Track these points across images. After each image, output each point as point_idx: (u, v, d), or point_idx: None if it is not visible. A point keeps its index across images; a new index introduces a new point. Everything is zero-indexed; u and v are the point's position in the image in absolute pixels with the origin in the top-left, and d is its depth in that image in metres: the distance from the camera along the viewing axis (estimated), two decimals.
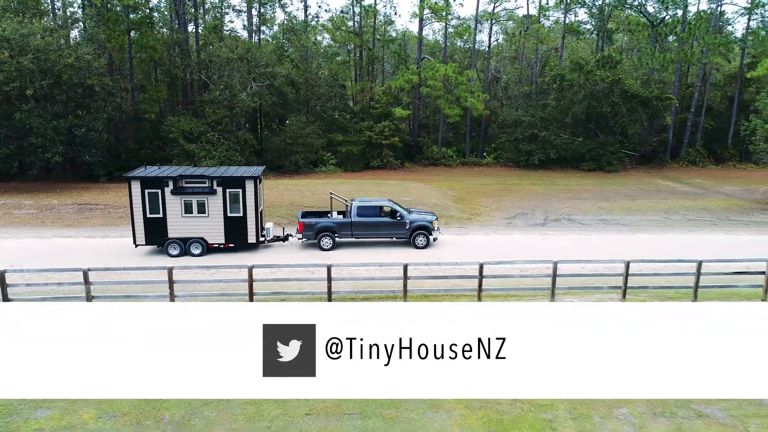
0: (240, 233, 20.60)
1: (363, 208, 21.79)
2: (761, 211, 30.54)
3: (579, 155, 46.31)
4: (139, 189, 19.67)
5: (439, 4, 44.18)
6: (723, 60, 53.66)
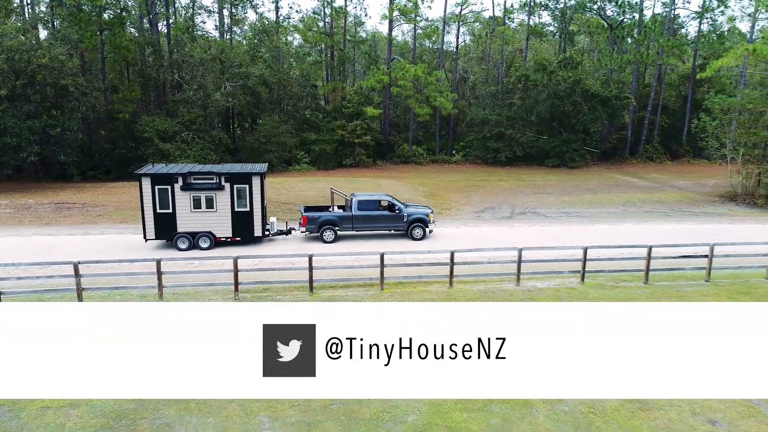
0: (247, 227, 21.29)
1: (363, 203, 22.78)
2: (710, 203, 32.54)
3: (544, 152, 48.02)
4: (149, 185, 20.24)
5: (408, 6, 45.25)
6: (678, 61, 56.20)
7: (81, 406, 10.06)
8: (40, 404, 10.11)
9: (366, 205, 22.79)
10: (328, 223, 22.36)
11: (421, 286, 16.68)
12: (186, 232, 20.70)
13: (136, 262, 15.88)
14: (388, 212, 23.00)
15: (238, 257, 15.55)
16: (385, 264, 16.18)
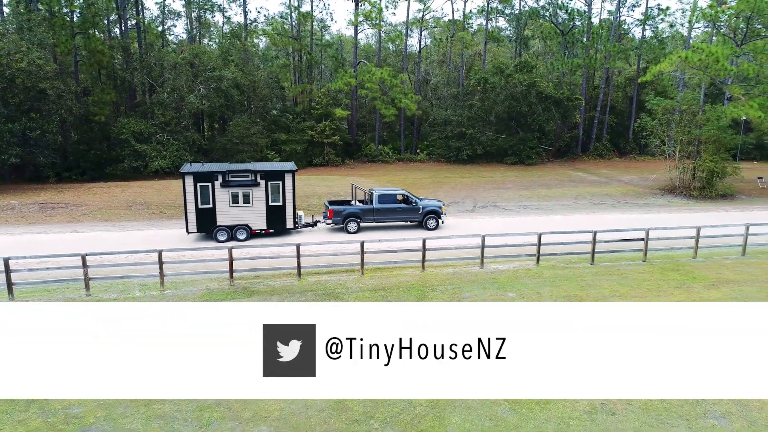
0: (280, 220, 22.97)
1: (383, 197, 24.69)
2: (652, 195, 35.51)
3: (502, 150, 50.60)
4: (192, 183, 21.67)
5: (373, 13, 47.00)
6: (624, 63, 59.83)
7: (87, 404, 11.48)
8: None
9: (385, 199, 24.71)
10: (351, 216, 24.23)
11: (397, 270, 18.53)
12: (225, 226, 22.24)
13: (139, 252, 17.17)
14: (405, 205, 24.97)
15: (233, 247, 17.07)
16: (365, 251, 17.97)
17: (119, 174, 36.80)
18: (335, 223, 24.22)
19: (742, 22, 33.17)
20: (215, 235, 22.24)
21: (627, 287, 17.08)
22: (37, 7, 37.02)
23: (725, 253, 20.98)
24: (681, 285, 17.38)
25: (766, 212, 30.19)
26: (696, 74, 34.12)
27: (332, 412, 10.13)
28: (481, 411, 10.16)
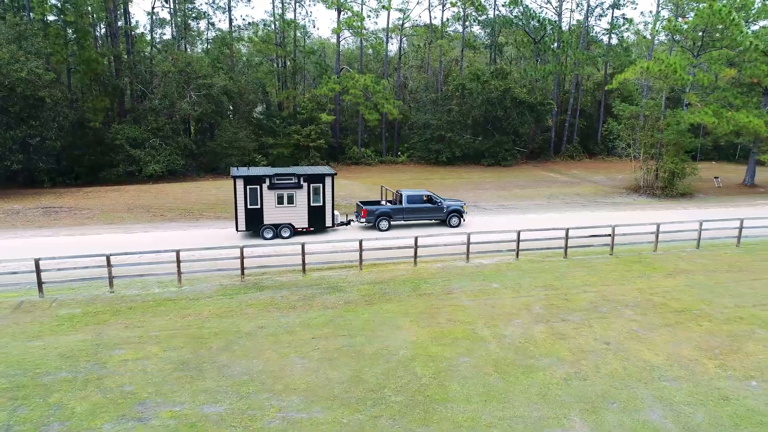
0: (320, 219, 24.92)
1: (411, 197, 26.59)
2: (618, 195, 37.99)
3: (480, 153, 52.76)
4: (242, 185, 23.47)
5: (355, 22, 48.66)
6: (594, 69, 62.62)
7: (152, 357, 13.07)
8: (119, 357, 13.04)
9: (413, 200, 26.63)
10: (383, 215, 26.20)
11: (392, 265, 20.33)
12: (271, 224, 24.09)
13: (161, 252, 18.59)
14: (431, 205, 26.88)
15: (244, 246, 18.65)
16: (363, 249, 19.73)
17: (114, 178, 37.75)
18: (368, 221, 26.14)
19: (698, 34, 35.77)
20: (262, 233, 24.09)
21: (596, 277, 19.20)
22: (30, 15, 37.77)
23: (682, 247, 23.31)
24: (643, 275, 19.57)
25: (721, 209, 32.83)
26: (657, 82, 36.64)
27: (350, 384, 11.88)
28: (476, 380, 12.03)
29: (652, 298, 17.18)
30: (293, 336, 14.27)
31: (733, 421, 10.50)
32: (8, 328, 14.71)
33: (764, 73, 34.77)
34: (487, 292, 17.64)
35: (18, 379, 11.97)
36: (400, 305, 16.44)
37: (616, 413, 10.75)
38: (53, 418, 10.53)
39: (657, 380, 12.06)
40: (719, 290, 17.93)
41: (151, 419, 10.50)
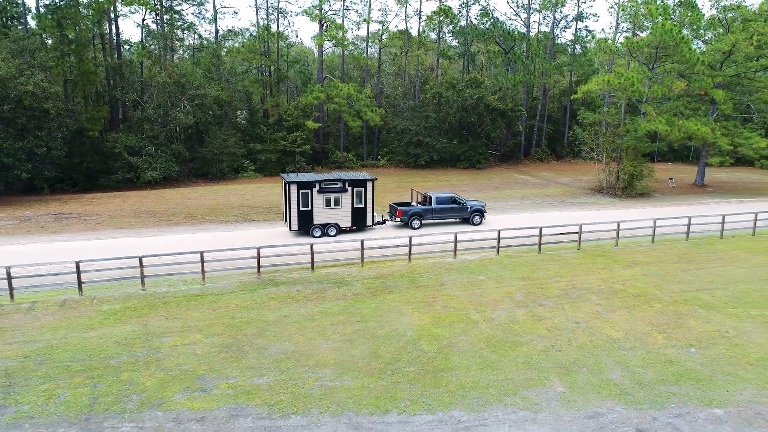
0: (362, 219, 27.70)
1: (439, 199, 29.33)
2: (584, 195, 41.15)
3: (455, 156, 55.58)
4: (296, 190, 26.08)
5: (338, 35, 50.87)
6: (560, 76, 66.16)
7: (198, 343, 15.19)
8: (170, 343, 15.12)
9: (441, 200, 29.34)
10: (415, 215, 28.85)
11: (389, 262, 22.73)
12: (319, 224, 26.75)
13: (186, 254, 20.58)
14: (456, 205, 29.57)
15: (260, 247, 20.80)
16: (364, 248, 22.08)
17: (112, 185, 39.15)
18: (402, 221, 28.77)
19: (653, 50, 39.05)
20: (311, 232, 26.68)
21: (566, 269, 21.96)
22: (26, 28, 38.86)
23: (639, 242, 26.34)
24: (606, 266, 22.42)
25: (674, 208, 36.22)
26: (617, 93, 39.90)
27: (370, 359, 14.24)
28: (472, 353, 14.53)
29: (614, 285, 20.01)
30: (314, 323, 16.55)
31: (675, 378, 13.25)
32: (62, 322, 16.60)
33: (710, 85, 38.34)
34: (475, 283, 20.21)
35: (88, 363, 13.96)
36: (402, 296, 18.86)
37: (585, 374, 13.39)
38: (129, 391, 12.61)
39: (617, 350, 14.77)
40: (669, 278, 20.90)
41: (212, 390, 12.68)
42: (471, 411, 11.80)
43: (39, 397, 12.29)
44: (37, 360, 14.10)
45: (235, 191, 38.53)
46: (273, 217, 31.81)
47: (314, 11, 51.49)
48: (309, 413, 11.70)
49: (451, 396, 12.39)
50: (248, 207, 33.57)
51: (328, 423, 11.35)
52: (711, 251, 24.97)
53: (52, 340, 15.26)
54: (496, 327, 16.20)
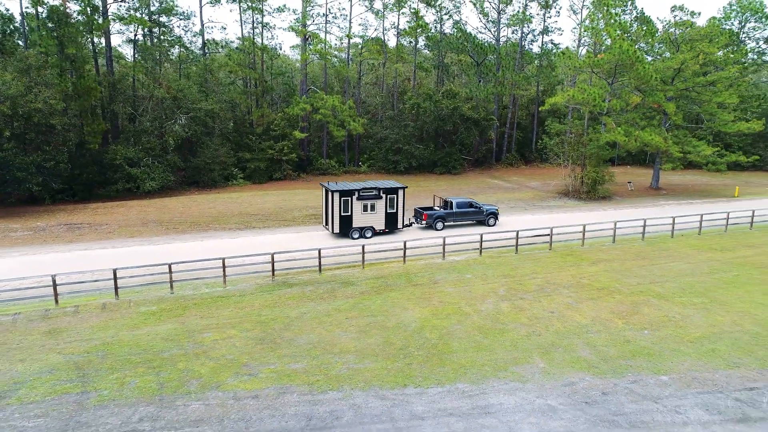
0: (394, 222, 30.81)
1: (460, 203, 32.70)
2: (552, 198, 44.54)
3: (433, 162, 58.55)
4: (338, 198, 29.03)
5: (323, 49, 53.23)
6: (528, 85, 69.85)
7: (235, 336, 17.55)
8: (210, 338, 17.45)
9: (461, 205, 32.68)
10: (439, 218, 32.07)
11: (387, 263, 25.37)
12: (357, 227, 29.70)
13: (208, 260, 22.79)
14: (474, 209, 32.79)
15: (274, 253, 23.17)
16: (366, 252, 24.68)
17: (112, 195, 40.67)
18: (428, 224, 31.81)
19: (612, 66, 42.67)
20: (351, 234, 29.63)
21: (540, 267, 24.99)
22: (26, 45, 40.10)
23: (602, 242, 29.63)
24: (574, 264, 25.53)
25: (632, 210, 39.83)
26: (581, 106, 43.41)
27: (384, 346, 16.86)
28: (468, 339, 17.30)
29: (581, 280, 23.10)
30: (331, 318, 19.08)
31: (631, 354, 16.27)
32: (109, 322, 18.72)
33: (663, 98, 42.17)
34: (463, 281, 23.02)
35: (144, 356, 16.20)
36: (402, 293, 21.53)
37: (560, 353, 16.30)
38: (188, 377, 14.94)
39: (585, 333, 17.75)
40: (627, 273, 24.12)
41: (258, 374, 15.12)
42: (473, 383, 14.55)
43: (113, 384, 14.52)
44: (99, 355, 16.27)
45: (231, 200, 40.56)
46: (272, 224, 34.03)
47: (299, 26, 53.71)
48: (342, 389, 14.26)
49: (455, 373, 15.13)
50: (247, 215, 35.69)
51: (359, 396, 13.94)
52: (663, 249, 28.40)
53: (105, 338, 17.41)
54: (485, 317, 19.03)
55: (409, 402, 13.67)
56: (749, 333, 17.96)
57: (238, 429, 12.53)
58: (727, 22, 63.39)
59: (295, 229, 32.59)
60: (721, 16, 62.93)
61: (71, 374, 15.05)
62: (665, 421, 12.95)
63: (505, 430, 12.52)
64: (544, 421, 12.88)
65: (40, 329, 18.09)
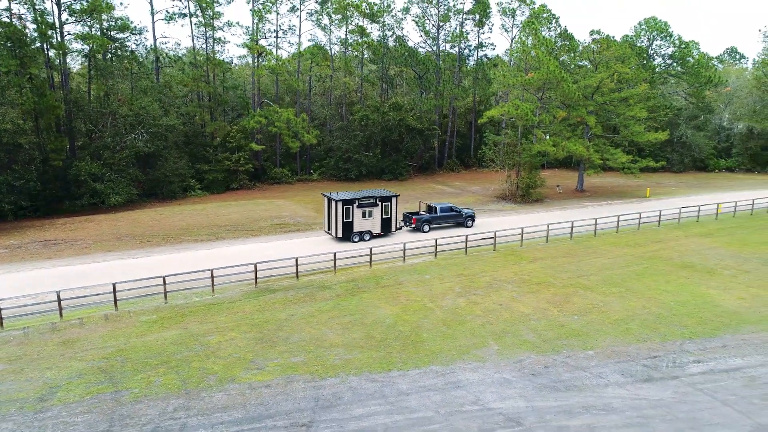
0: (388, 227, 34.48)
1: (443, 208, 36.79)
2: (492, 202, 48.84)
3: (381, 170, 61.83)
4: (341, 206, 32.23)
5: (276, 65, 55.27)
6: (465, 95, 74.52)
7: (236, 338, 19.98)
8: (215, 340, 19.80)
9: (444, 210, 36.82)
10: (426, 221, 35.87)
11: (355, 268, 28.29)
12: (358, 231, 33.12)
13: (198, 272, 24.85)
14: (455, 212, 36.64)
15: (257, 262, 25.58)
16: (338, 258, 27.52)
17: (76, 209, 41.15)
18: (416, 227, 35.60)
19: (541, 83, 47.50)
20: (351, 238, 32.97)
21: (488, 266, 28.70)
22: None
23: (537, 242, 33.83)
24: (515, 263, 29.43)
25: (561, 212, 44.62)
26: (515, 120, 48.03)
27: (366, 339, 19.79)
28: (435, 330, 20.56)
29: (522, 276, 26.97)
30: (316, 318, 21.82)
31: (565, 335, 20.08)
32: (116, 332, 20.61)
33: (585, 113, 47.41)
34: (424, 281, 26.33)
35: (160, 358, 18.38)
36: (373, 294, 24.55)
37: (510, 337, 19.88)
38: (205, 373, 17.33)
39: (528, 321, 21.46)
40: (559, 269, 28.25)
41: (265, 367, 17.71)
42: (443, 365, 17.81)
43: (140, 383, 16.71)
44: (119, 360, 18.30)
45: (196, 212, 42.06)
46: (240, 234, 36.07)
47: (252, 43, 55.47)
48: (339, 376, 17.13)
49: (429, 357, 18.34)
50: (216, 226, 37.49)
51: (354, 380, 16.87)
52: (588, 247, 32.93)
53: (119, 345, 19.39)
54: (447, 311, 22.40)
55: (395, 382, 16.73)
56: (654, 314, 22.27)
57: (260, 411, 15.16)
58: (638, 40, 70.45)
59: (293, 236, 34.98)
60: (632, 35, 69.85)
61: (99, 377, 17.07)
62: (592, 384, 16.69)
63: (473, 399, 15.82)
64: (502, 390, 16.30)
65: (53, 341, 19.78)
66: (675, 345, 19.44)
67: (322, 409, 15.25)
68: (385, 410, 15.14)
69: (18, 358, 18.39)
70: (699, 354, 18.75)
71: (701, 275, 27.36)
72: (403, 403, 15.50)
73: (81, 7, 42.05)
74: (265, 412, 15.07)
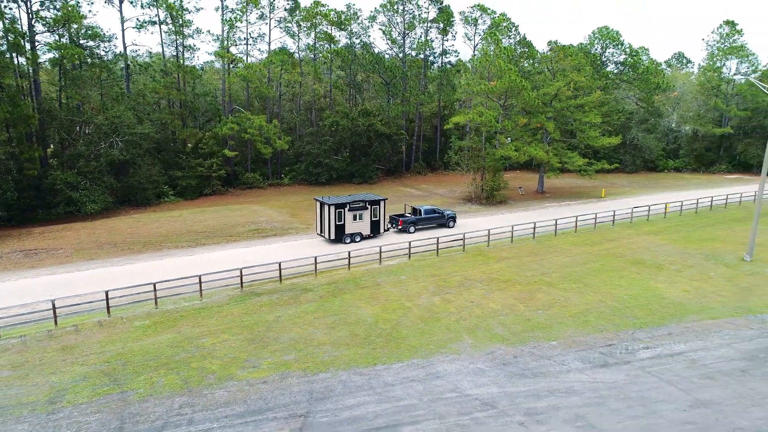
0: (377, 228, 36.53)
1: (427, 210, 39.22)
2: (459, 204, 50.96)
3: (351, 173, 63.29)
4: (333, 209, 34.04)
5: (249, 73, 56.00)
6: (431, 101, 76.70)
7: (229, 339, 21.20)
8: (209, 342, 20.98)
9: (428, 212, 39.19)
10: (412, 223, 38.17)
11: (334, 270, 29.74)
12: (349, 233, 34.99)
13: (187, 278, 25.82)
14: (438, 214, 38.65)
15: (243, 268, 26.75)
16: (318, 261, 28.92)
17: (52, 218, 41.09)
18: (402, 228, 37.74)
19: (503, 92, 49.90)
20: (343, 240, 34.85)
21: (458, 266, 30.62)
22: None
23: (503, 242, 36.00)
24: (484, 263, 31.46)
25: (524, 213, 47.10)
26: (479, 127, 50.34)
27: (351, 337, 21.32)
28: (413, 327, 22.27)
29: (491, 275, 28.99)
30: (302, 319, 23.22)
31: (531, 328, 22.11)
32: (112, 337, 21.52)
33: (544, 119, 50.12)
34: (400, 282, 28.02)
35: (159, 360, 19.46)
36: (354, 295, 26.09)
37: (482, 332, 21.78)
38: (204, 372, 18.54)
39: (498, 316, 23.43)
40: (524, 267, 30.43)
41: (260, 366, 19.04)
42: (423, 358, 19.53)
43: (144, 384, 17.81)
44: (119, 363, 19.30)
45: (173, 218, 42.58)
46: (220, 240, 36.97)
47: (224, 52, 56.06)
48: (329, 371, 18.64)
49: (410, 352, 20.03)
50: (195, 233, 38.21)
51: (344, 374, 18.40)
52: (549, 246, 35.30)
53: (117, 350, 20.35)
54: (423, 309, 24.15)
55: (381, 375, 18.35)
56: (610, 307, 24.58)
57: (260, 405, 16.53)
58: (592, 47, 74.07)
59: (271, 240, 36.10)
60: (587, 43, 73.40)
61: (103, 380, 18.08)
62: (556, 371, 18.71)
63: (451, 387, 17.59)
64: (477, 379, 18.13)
65: (52, 347, 20.57)
66: (627, 334, 21.72)
67: (317, 400, 16.73)
68: (374, 400, 16.73)
69: (20, 364, 19.15)
70: (648, 341, 21.05)
71: (651, 270, 29.99)
72: (390, 393, 17.13)
73: (54, 17, 41.95)
74: (265, 406, 16.44)
